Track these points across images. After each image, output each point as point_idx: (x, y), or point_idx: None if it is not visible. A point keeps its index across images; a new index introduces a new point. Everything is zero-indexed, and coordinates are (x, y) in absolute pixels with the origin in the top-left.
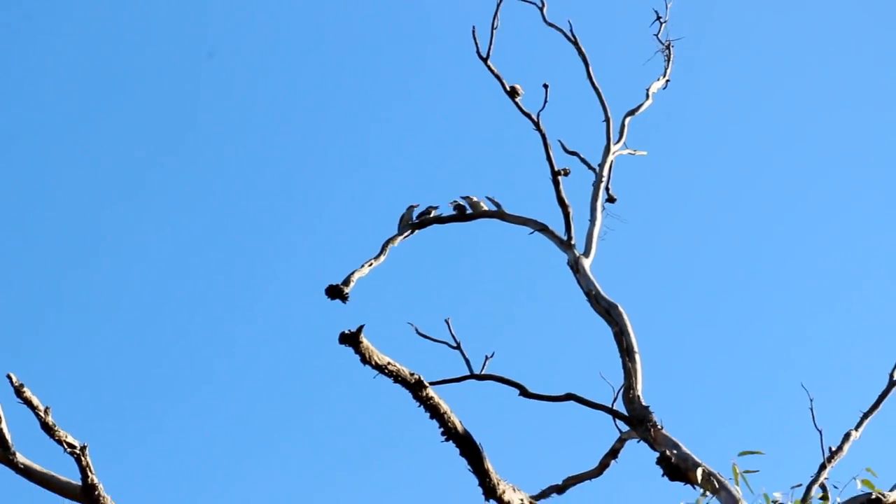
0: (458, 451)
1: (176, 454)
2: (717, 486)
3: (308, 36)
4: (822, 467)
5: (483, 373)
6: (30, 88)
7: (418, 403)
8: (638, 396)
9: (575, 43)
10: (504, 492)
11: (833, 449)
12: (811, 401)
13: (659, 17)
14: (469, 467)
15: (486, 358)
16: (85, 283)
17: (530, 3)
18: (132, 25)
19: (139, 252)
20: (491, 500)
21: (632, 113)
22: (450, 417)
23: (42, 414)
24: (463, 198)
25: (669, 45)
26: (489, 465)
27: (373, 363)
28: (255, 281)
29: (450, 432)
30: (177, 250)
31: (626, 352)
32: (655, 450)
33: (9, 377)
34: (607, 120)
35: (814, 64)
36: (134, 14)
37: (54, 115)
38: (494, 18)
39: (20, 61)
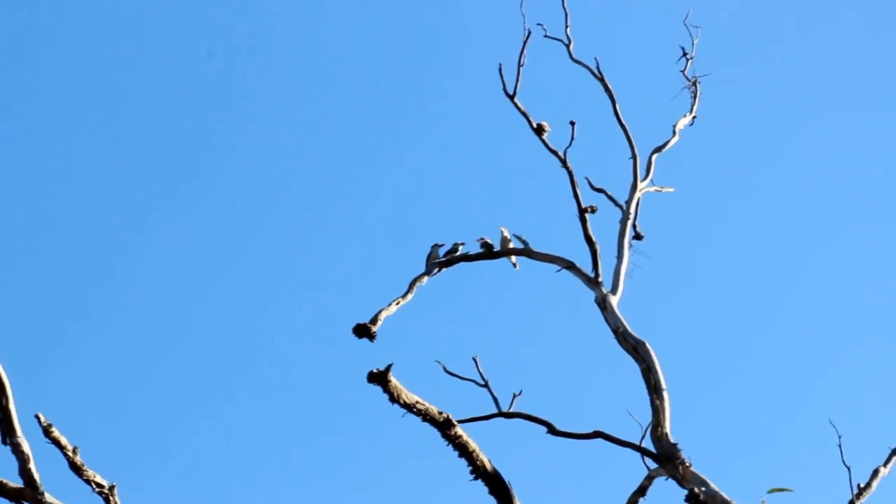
0: (486, 489)
1: (199, 487)
2: None
3: (336, 73)
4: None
5: (511, 411)
6: (29, 88)
7: (447, 442)
8: (666, 434)
9: (602, 80)
10: None
11: (861, 486)
12: (839, 437)
13: (685, 54)
14: None
15: (514, 396)
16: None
17: (557, 40)
18: (132, 25)
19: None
20: None
21: (658, 150)
22: (478, 456)
23: (70, 454)
24: (497, 235)
25: (696, 81)
26: (518, 503)
27: (401, 402)
28: (283, 320)
29: (478, 471)
30: (199, 291)
31: (654, 389)
32: (684, 487)
33: (37, 417)
34: (634, 157)
35: (844, 99)
36: (134, 14)
37: (54, 115)
38: (521, 56)
39: (20, 61)
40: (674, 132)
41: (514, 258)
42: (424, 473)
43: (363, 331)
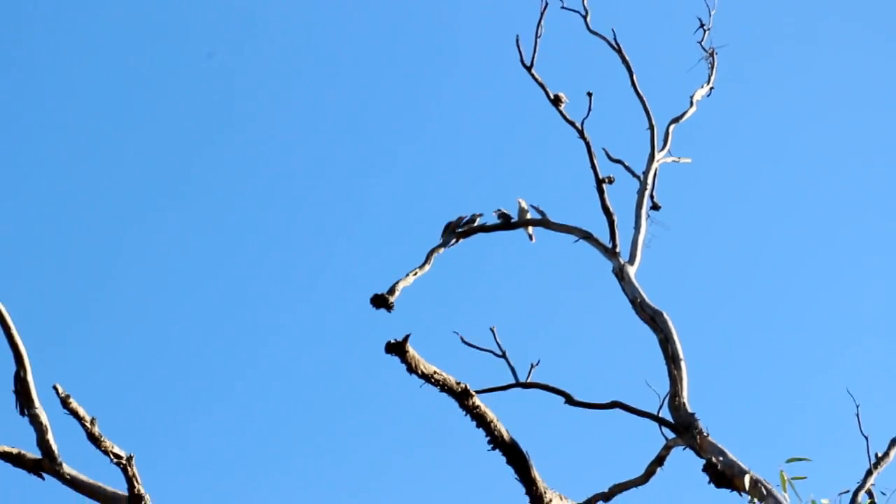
0: (504, 459)
1: (219, 463)
2: (764, 492)
3: (353, 43)
4: (869, 473)
5: (529, 381)
6: (29, 88)
7: (465, 412)
8: (683, 403)
9: (619, 51)
10: (551, 500)
11: (879, 455)
12: (857, 407)
13: (702, 25)
14: (516, 476)
15: (532, 366)
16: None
17: (574, 11)
18: (132, 25)
19: (170, 259)
20: None
21: (676, 120)
22: (496, 426)
23: (88, 425)
24: (517, 204)
25: (713, 52)
26: (536, 473)
27: (419, 372)
28: (301, 290)
29: (496, 441)
30: (219, 259)
31: (672, 359)
32: (701, 457)
33: (55, 388)
34: (651, 128)
35: (866, 71)
36: (134, 14)
37: (54, 115)
38: (538, 27)
39: (20, 61)
40: (691, 103)
41: (530, 230)
42: (443, 446)
43: (381, 301)
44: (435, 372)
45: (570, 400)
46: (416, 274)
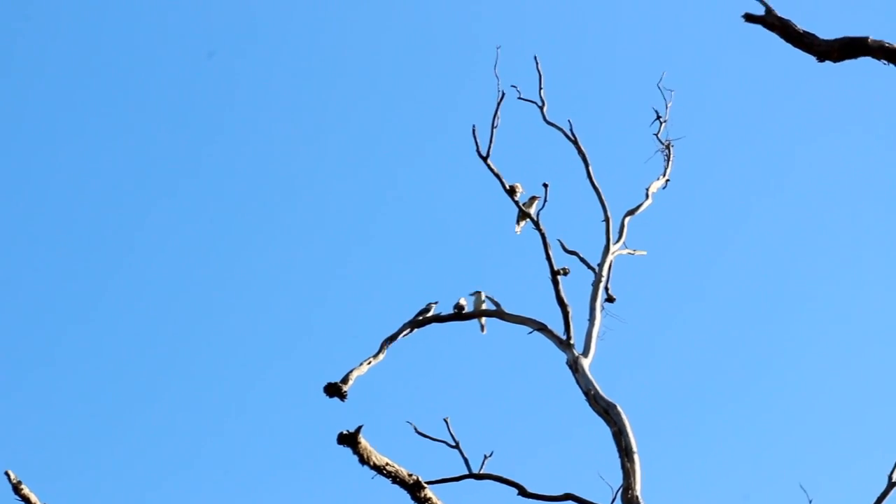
0: None
1: None
2: None
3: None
4: None
5: (482, 472)
6: (29, 88)
7: None
8: (637, 497)
9: (575, 142)
10: None
11: None
12: (810, 502)
13: (659, 117)
14: None
15: (485, 457)
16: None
17: (531, 101)
18: (132, 25)
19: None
20: None
21: (631, 213)
22: None
23: None
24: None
25: (669, 144)
26: None
27: (371, 464)
28: (253, 378)
29: None
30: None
31: (625, 452)
32: None
33: (6, 474)
34: (607, 220)
35: (816, 159)
36: (134, 14)
37: (54, 114)
38: (495, 117)
39: (20, 60)
40: (647, 195)
41: (483, 320)
42: None
43: (334, 390)
44: (387, 464)
45: (523, 492)
46: (370, 363)
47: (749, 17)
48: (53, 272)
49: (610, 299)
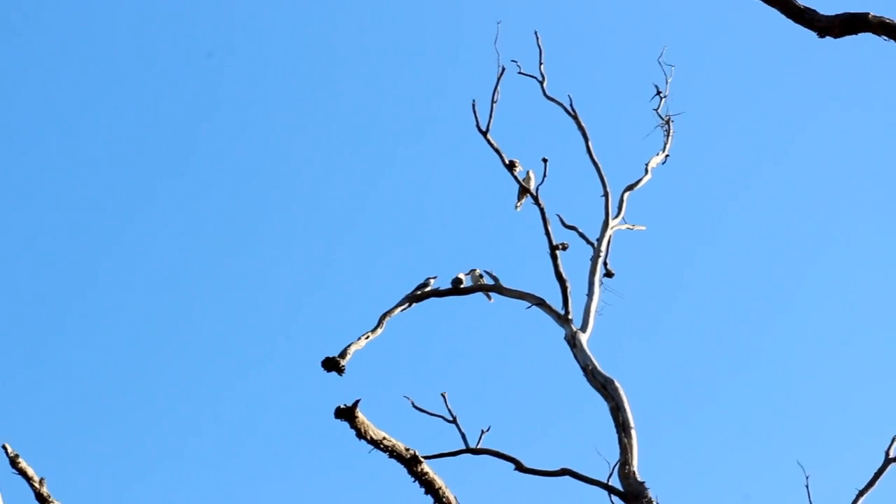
0: None
1: None
2: None
3: (315, 105)
4: None
5: (479, 447)
6: (29, 87)
7: (413, 479)
8: (633, 472)
9: (575, 117)
10: None
11: None
12: (807, 478)
13: (659, 93)
14: None
15: (482, 432)
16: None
17: (531, 77)
18: (133, 25)
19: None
20: None
21: (631, 188)
22: (445, 493)
23: (37, 485)
24: (469, 272)
25: (669, 119)
26: None
27: (368, 438)
28: (251, 352)
29: None
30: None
31: (622, 427)
32: None
33: (3, 447)
34: (606, 195)
35: (815, 136)
36: (134, 14)
37: (54, 114)
38: (495, 92)
39: (21, 60)
40: (646, 170)
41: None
42: None
43: (332, 364)
44: (384, 438)
45: (519, 467)
46: (367, 337)
47: None
48: (53, 270)
49: (609, 274)
